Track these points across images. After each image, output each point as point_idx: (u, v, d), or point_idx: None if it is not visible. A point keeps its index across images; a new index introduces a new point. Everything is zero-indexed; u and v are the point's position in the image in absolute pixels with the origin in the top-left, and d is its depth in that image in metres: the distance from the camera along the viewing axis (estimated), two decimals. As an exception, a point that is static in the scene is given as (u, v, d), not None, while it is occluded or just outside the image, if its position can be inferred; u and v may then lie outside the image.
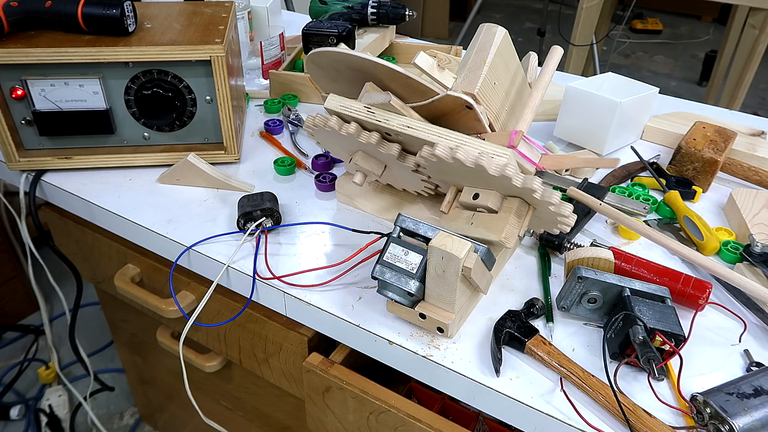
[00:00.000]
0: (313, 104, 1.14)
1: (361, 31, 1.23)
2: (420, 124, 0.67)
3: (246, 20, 1.25)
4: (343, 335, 0.70)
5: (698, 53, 3.91)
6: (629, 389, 0.60)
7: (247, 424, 1.10)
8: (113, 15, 0.81)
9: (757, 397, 0.55)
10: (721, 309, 0.69)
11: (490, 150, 0.64)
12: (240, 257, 0.75)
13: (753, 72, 2.16)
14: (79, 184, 0.89)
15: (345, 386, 0.72)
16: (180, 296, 0.88)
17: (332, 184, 0.87)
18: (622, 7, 3.61)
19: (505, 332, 0.64)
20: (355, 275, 0.73)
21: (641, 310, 0.61)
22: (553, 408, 0.58)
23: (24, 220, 0.98)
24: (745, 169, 0.91)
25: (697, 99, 1.33)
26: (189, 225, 0.81)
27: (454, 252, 0.57)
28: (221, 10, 0.95)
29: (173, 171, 0.88)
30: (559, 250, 0.76)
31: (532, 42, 3.74)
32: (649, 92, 0.99)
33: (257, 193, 0.81)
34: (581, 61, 2.50)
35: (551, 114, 1.07)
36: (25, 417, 1.61)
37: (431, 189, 0.77)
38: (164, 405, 1.40)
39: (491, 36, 0.72)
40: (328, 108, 0.71)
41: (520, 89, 0.78)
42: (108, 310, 1.21)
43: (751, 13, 2.08)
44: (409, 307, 0.63)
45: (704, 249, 0.77)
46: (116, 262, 0.96)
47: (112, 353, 1.80)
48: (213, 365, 0.97)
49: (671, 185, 0.89)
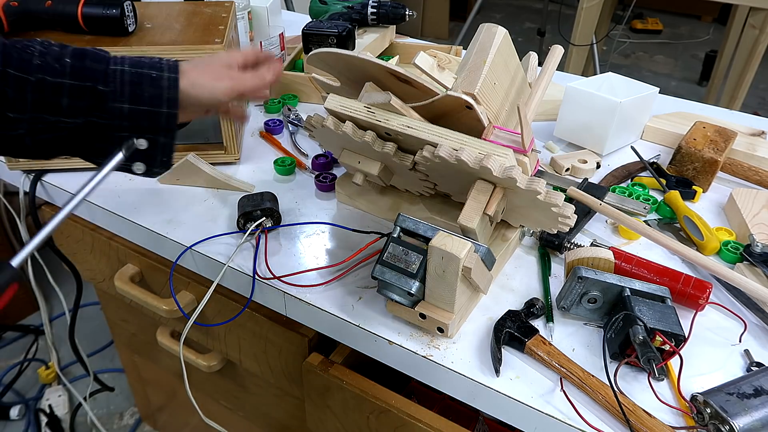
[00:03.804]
0: (313, 104, 1.14)
1: (361, 31, 1.23)
2: (420, 124, 0.67)
3: (246, 20, 1.25)
4: (343, 335, 0.70)
5: (698, 53, 3.91)
6: (629, 389, 0.60)
7: (247, 424, 1.10)
8: (113, 15, 0.81)
9: (758, 397, 0.55)
10: (721, 309, 0.69)
11: (492, 151, 0.64)
12: (240, 257, 0.75)
13: (753, 72, 2.16)
14: (79, 184, 0.89)
15: (345, 386, 0.72)
16: (180, 296, 0.88)
17: (332, 184, 0.87)
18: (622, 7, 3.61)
19: (505, 332, 0.64)
20: (355, 275, 0.73)
21: (641, 310, 0.61)
22: (553, 408, 0.58)
23: (24, 220, 0.98)
24: (745, 169, 0.91)
25: (697, 99, 1.33)
26: (189, 225, 0.81)
27: (454, 252, 0.57)
28: (221, 10, 0.95)
29: (173, 171, 0.88)
30: (559, 250, 0.76)
31: (532, 42, 3.74)
32: (649, 92, 0.99)
33: (257, 193, 0.81)
34: (581, 61, 2.50)
35: (551, 114, 1.07)
36: (25, 417, 1.61)
37: (431, 189, 0.77)
38: (164, 405, 1.40)
39: (491, 36, 0.72)
40: (328, 108, 0.71)
41: (520, 89, 0.78)
42: (108, 310, 1.21)
43: (751, 13, 2.08)
44: (409, 307, 0.63)
45: (704, 249, 0.77)
46: (116, 262, 0.96)
47: (112, 353, 1.80)
48: (213, 365, 0.97)
49: (671, 185, 0.89)
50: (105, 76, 0.58)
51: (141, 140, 0.60)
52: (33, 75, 0.55)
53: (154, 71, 0.60)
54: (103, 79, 0.58)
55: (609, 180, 0.93)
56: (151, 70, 0.59)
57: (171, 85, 0.60)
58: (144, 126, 0.60)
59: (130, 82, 0.58)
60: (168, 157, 0.63)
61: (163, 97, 0.59)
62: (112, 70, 0.58)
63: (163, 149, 0.62)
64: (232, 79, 0.64)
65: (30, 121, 0.56)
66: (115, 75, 0.58)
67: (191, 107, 0.63)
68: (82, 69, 0.57)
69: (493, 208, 0.63)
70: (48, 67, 0.56)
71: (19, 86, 0.55)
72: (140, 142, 0.60)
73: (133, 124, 0.59)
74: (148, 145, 0.61)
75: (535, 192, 0.61)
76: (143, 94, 0.59)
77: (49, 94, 0.56)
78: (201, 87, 0.62)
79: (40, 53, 0.56)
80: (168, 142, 0.62)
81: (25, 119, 0.56)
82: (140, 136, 0.60)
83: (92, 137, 0.60)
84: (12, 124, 0.56)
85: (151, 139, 0.60)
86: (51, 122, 0.57)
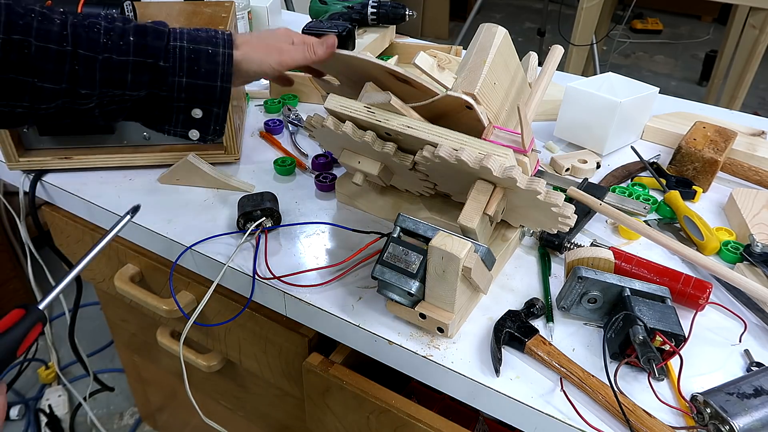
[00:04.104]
0: (313, 104, 1.14)
1: (361, 31, 1.23)
2: (420, 124, 0.67)
3: (246, 20, 1.25)
4: (343, 335, 0.70)
5: (698, 53, 3.91)
6: (629, 389, 0.60)
7: (247, 424, 1.10)
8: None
9: (758, 397, 0.55)
10: (721, 309, 0.69)
11: (492, 151, 0.64)
12: (240, 257, 0.75)
13: (753, 72, 2.16)
14: (79, 184, 0.89)
15: (345, 386, 0.72)
16: (180, 296, 0.88)
17: (332, 184, 0.87)
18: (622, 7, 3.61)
19: (505, 332, 0.64)
20: (355, 275, 0.73)
21: (641, 310, 0.61)
22: (553, 408, 0.58)
23: (24, 220, 0.98)
24: (745, 169, 0.91)
25: (697, 99, 1.33)
26: (189, 225, 0.81)
27: (454, 252, 0.57)
28: (221, 10, 0.95)
29: (173, 171, 0.88)
30: (559, 250, 0.76)
31: (532, 42, 3.74)
32: (649, 92, 0.99)
33: (257, 193, 0.81)
34: (581, 61, 2.50)
35: (551, 114, 1.07)
36: (24, 417, 1.61)
37: (431, 189, 0.77)
38: (164, 405, 1.40)
39: (491, 36, 0.72)
40: (328, 108, 0.71)
41: (520, 89, 0.78)
42: (108, 310, 1.21)
43: (751, 13, 2.08)
44: (409, 307, 0.63)
45: (704, 249, 0.77)
46: (116, 262, 0.96)
47: (112, 353, 1.80)
48: (213, 365, 0.97)
49: (671, 185, 0.89)
50: (165, 53, 0.62)
51: (196, 110, 0.65)
52: (100, 54, 0.59)
53: (211, 47, 0.63)
54: (164, 56, 0.62)
55: (609, 180, 0.93)
56: (207, 46, 0.63)
57: (226, 61, 0.64)
58: (200, 98, 0.65)
59: (188, 59, 0.63)
60: (221, 126, 0.68)
61: (218, 72, 0.64)
62: (172, 47, 0.62)
63: (216, 118, 0.67)
64: (281, 53, 0.68)
65: (99, 96, 0.61)
66: (175, 51, 0.62)
67: (241, 78, 0.68)
68: (144, 47, 0.61)
69: (493, 208, 0.63)
70: (113, 46, 0.60)
71: (89, 65, 0.59)
72: (196, 112, 0.66)
73: (190, 96, 0.64)
74: (203, 114, 0.66)
75: (535, 192, 0.61)
76: (200, 69, 0.63)
77: (115, 71, 0.60)
78: (250, 61, 0.66)
79: (105, 31, 0.60)
80: (221, 112, 0.67)
81: (95, 94, 0.61)
82: (196, 107, 0.65)
83: (152, 107, 0.65)
84: (84, 99, 0.61)
85: (206, 110, 0.66)
86: (117, 95, 0.62)
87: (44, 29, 0.57)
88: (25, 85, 0.57)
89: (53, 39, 0.57)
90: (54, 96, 0.59)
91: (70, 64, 0.58)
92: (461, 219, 0.64)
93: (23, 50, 0.56)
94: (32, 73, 0.57)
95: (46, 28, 0.57)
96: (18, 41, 0.56)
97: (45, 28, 0.57)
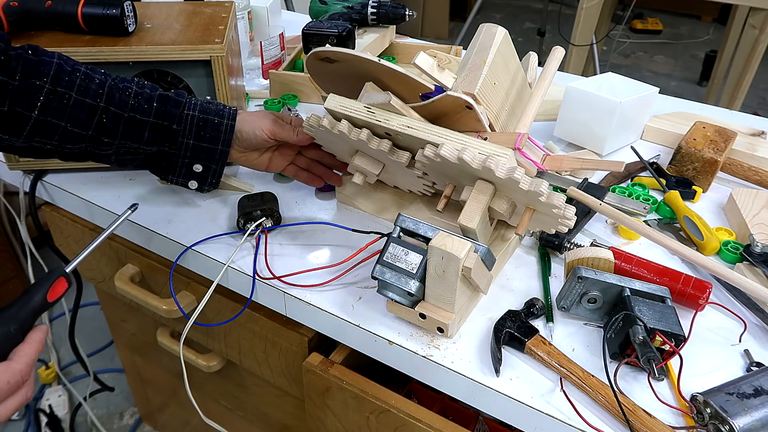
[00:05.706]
0: (313, 104, 1.14)
1: (361, 31, 1.23)
2: (420, 124, 0.67)
3: (246, 20, 1.25)
4: (343, 335, 0.70)
5: (698, 53, 3.91)
6: (629, 389, 0.60)
7: (247, 424, 1.10)
8: (113, 15, 0.81)
9: (757, 397, 0.55)
10: (721, 309, 0.69)
11: (493, 151, 0.64)
12: (240, 257, 0.75)
13: (753, 72, 2.15)
14: (79, 184, 0.89)
15: (345, 386, 0.72)
16: (180, 296, 0.88)
17: (332, 185, 0.87)
18: (622, 7, 3.61)
19: (505, 332, 0.64)
20: (355, 275, 0.73)
21: (641, 310, 0.61)
22: (553, 408, 0.58)
23: (24, 220, 0.98)
24: (745, 169, 0.91)
25: (697, 99, 1.33)
26: (189, 225, 0.81)
27: (454, 252, 0.57)
28: (221, 10, 0.95)
29: (173, 171, 0.88)
30: (559, 250, 0.76)
31: (532, 42, 3.74)
32: (649, 92, 0.99)
33: (257, 193, 0.81)
34: (581, 61, 2.50)
35: (551, 114, 1.07)
36: (24, 417, 1.61)
37: (431, 188, 0.77)
38: (164, 405, 1.40)
39: (491, 36, 0.72)
40: (328, 108, 0.71)
41: (520, 89, 0.78)
42: (108, 310, 1.21)
43: (751, 13, 2.08)
44: (409, 307, 0.63)
45: (704, 249, 0.77)
46: (116, 262, 0.96)
47: (112, 353, 1.79)
48: (213, 365, 0.97)
49: (671, 185, 0.89)
50: (179, 119, 0.73)
51: (198, 165, 0.76)
52: (127, 112, 0.70)
53: (217, 118, 0.75)
54: (178, 121, 0.73)
55: (609, 180, 0.93)
56: (215, 117, 0.75)
57: (228, 130, 0.75)
58: (202, 157, 0.76)
59: (197, 125, 0.74)
60: (217, 180, 0.79)
61: (220, 138, 0.75)
62: (185, 115, 0.73)
63: (213, 174, 0.78)
64: (274, 122, 0.77)
65: (117, 146, 0.72)
66: (187, 118, 0.73)
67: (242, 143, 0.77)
68: (164, 112, 0.72)
69: (504, 207, 0.64)
70: (139, 108, 0.71)
71: (115, 119, 0.70)
72: (197, 167, 0.76)
73: (193, 155, 0.76)
74: (202, 169, 0.77)
75: (537, 194, 0.60)
76: (205, 135, 0.75)
77: (135, 127, 0.71)
78: (245, 122, 0.76)
79: (135, 94, 0.71)
80: (218, 169, 0.78)
81: (114, 144, 0.71)
82: (197, 163, 0.76)
83: (161, 160, 0.76)
84: (105, 146, 0.71)
85: (206, 166, 0.77)
86: (133, 148, 0.73)
87: (84, 86, 0.67)
88: (58, 127, 0.67)
89: (90, 95, 0.68)
90: (80, 139, 0.69)
91: (99, 116, 0.68)
92: (461, 219, 0.64)
93: (63, 100, 0.66)
94: (66, 119, 0.67)
95: (86, 86, 0.67)
96: (61, 93, 0.66)
97: (85, 85, 0.67)
